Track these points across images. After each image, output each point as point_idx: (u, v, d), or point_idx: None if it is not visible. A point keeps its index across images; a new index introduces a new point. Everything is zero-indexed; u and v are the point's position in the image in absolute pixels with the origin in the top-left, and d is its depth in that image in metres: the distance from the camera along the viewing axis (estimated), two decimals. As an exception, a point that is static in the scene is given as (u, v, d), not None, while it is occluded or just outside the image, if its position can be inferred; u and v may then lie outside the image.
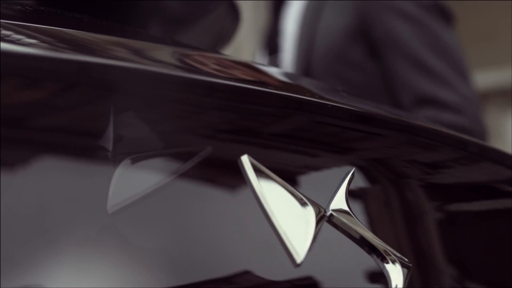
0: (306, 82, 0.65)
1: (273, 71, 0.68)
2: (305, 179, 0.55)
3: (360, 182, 0.61)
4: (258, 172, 0.45)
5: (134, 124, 0.46)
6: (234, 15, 0.76)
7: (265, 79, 0.59)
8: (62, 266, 0.40)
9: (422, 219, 0.68)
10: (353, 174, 0.54)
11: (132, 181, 0.43)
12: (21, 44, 0.46)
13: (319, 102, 0.53)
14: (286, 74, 0.71)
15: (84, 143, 0.43)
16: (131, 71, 0.45)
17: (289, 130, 0.55)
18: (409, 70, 1.52)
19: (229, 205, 0.48)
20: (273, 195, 0.45)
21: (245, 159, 0.44)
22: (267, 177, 0.45)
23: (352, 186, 0.57)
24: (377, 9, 1.55)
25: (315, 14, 1.61)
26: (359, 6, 1.57)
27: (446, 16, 1.58)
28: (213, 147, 0.49)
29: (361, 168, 0.60)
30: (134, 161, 0.44)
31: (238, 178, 0.48)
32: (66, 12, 0.69)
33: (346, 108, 0.56)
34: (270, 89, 0.53)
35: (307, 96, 0.53)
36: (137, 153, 0.45)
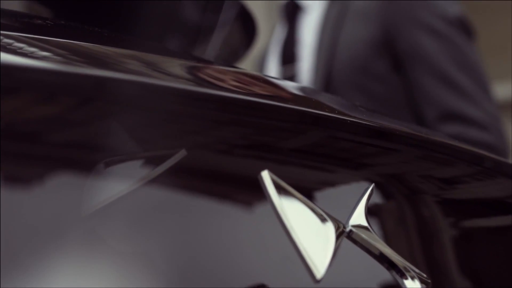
0: (322, 97, 0.65)
1: (288, 85, 0.67)
2: (320, 195, 0.55)
3: (376, 198, 0.60)
4: (278, 188, 0.44)
5: (150, 140, 0.45)
6: (251, 28, 0.76)
7: (280, 94, 0.59)
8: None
9: (438, 234, 0.68)
10: (372, 190, 0.54)
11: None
12: (35, 58, 0.45)
13: (336, 117, 0.53)
14: (301, 88, 0.71)
15: (99, 159, 0.43)
16: (146, 86, 0.45)
17: (305, 146, 0.54)
18: (436, 85, 1.51)
19: (248, 221, 0.47)
20: (293, 210, 0.45)
21: (265, 175, 0.44)
22: (287, 192, 0.45)
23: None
24: (403, 22, 1.55)
25: (336, 24, 1.60)
26: (384, 18, 1.56)
27: (468, 30, 1.58)
28: (229, 162, 0.49)
29: (377, 184, 0.60)
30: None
31: (256, 193, 0.48)
32: (84, 26, 0.69)
33: (362, 123, 0.56)
34: (286, 103, 0.53)
35: (324, 111, 0.53)
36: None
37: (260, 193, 0.47)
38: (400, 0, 1.56)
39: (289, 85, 0.66)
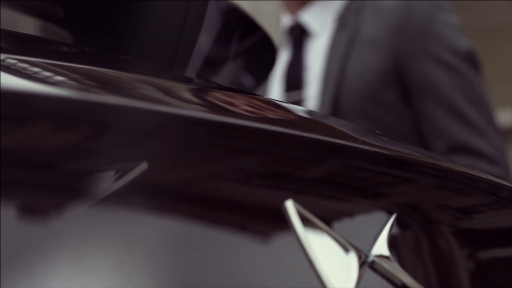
0: (339, 124, 0.64)
1: (303, 111, 0.67)
2: (338, 225, 0.54)
3: (393, 228, 0.59)
4: (302, 217, 0.44)
5: (165, 169, 0.45)
6: (271, 57, 0.75)
7: (298, 121, 0.59)
8: None
9: (455, 265, 0.67)
10: (394, 220, 0.53)
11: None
12: (50, 84, 0.45)
13: (355, 147, 0.52)
14: (317, 115, 0.70)
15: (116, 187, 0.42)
16: (163, 114, 0.44)
17: (323, 175, 0.54)
18: (445, 118, 1.51)
19: (267, 251, 0.47)
20: (317, 240, 0.44)
21: (289, 204, 0.43)
22: (311, 222, 0.44)
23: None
24: (414, 53, 1.55)
25: (344, 52, 1.60)
26: (395, 48, 1.56)
27: (476, 64, 1.58)
28: (246, 192, 0.48)
29: (392, 214, 0.59)
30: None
31: (275, 223, 0.47)
32: (94, 49, 0.69)
33: (381, 153, 0.55)
34: (306, 132, 0.52)
35: (343, 139, 0.52)
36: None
37: (278, 222, 0.46)
38: (412, 31, 1.56)
39: (304, 111, 0.66)
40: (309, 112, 0.66)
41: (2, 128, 0.39)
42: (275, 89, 1.69)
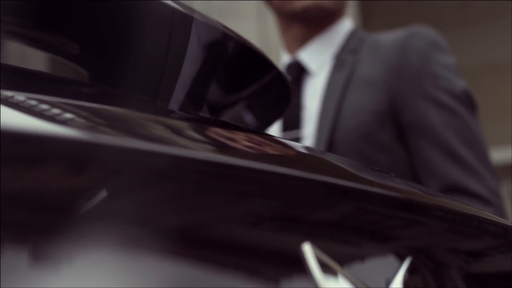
0: (348, 164, 0.63)
1: (311, 151, 0.66)
2: (350, 268, 0.53)
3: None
4: (319, 261, 0.43)
5: (176, 212, 0.44)
6: (284, 95, 0.75)
7: (307, 162, 0.58)
8: None
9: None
10: (409, 264, 0.52)
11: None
12: (60, 124, 0.44)
13: (367, 190, 0.52)
14: (325, 154, 0.69)
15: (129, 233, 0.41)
16: (175, 157, 0.43)
17: (334, 218, 0.53)
18: (440, 159, 1.51)
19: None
20: (335, 285, 0.43)
21: (307, 248, 0.42)
22: (328, 266, 0.43)
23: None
24: (410, 93, 1.55)
25: (341, 91, 1.60)
26: (391, 89, 1.56)
27: (472, 104, 1.58)
28: (257, 235, 0.47)
29: (403, 257, 0.58)
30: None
31: (286, 266, 0.46)
32: (101, 86, 0.69)
33: (393, 196, 0.54)
34: (315, 174, 0.51)
35: (355, 182, 0.51)
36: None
37: (292, 266, 0.45)
38: (408, 72, 1.56)
39: (311, 151, 0.65)
40: (317, 152, 0.65)
41: (9, 170, 0.38)
42: (273, 128, 1.69)
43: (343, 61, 1.65)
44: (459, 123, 1.54)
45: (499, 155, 6.43)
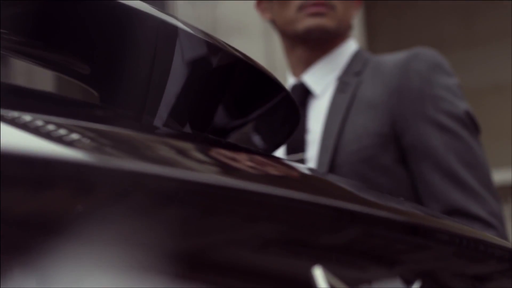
0: (355, 188, 0.63)
1: (317, 174, 0.66)
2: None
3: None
4: (330, 285, 0.42)
5: (182, 236, 0.44)
6: (292, 116, 0.75)
7: (315, 186, 0.58)
8: None
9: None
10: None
11: None
12: (67, 146, 0.44)
13: (375, 215, 0.51)
14: (331, 177, 0.69)
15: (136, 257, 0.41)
16: (183, 181, 0.43)
17: (342, 242, 0.53)
18: (441, 182, 1.51)
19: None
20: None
21: (318, 272, 0.42)
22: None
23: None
24: (412, 116, 1.55)
25: (343, 113, 1.59)
26: (393, 112, 1.56)
27: (474, 126, 1.58)
28: (265, 259, 0.47)
29: (410, 282, 0.58)
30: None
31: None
32: (103, 105, 0.69)
33: (400, 220, 0.54)
34: (323, 199, 0.51)
35: (363, 206, 0.51)
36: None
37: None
38: (409, 94, 1.56)
39: (317, 173, 0.65)
40: (323, 174, 0.65)
41: (15, 192, 0.38)
42: (278, 151, 1.68)
43: (346, 83, 1.65)
44: (461, 145, 1.54)
45: (501, 176, 6.41)
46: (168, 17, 0.67)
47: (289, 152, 1.66)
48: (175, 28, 0.67)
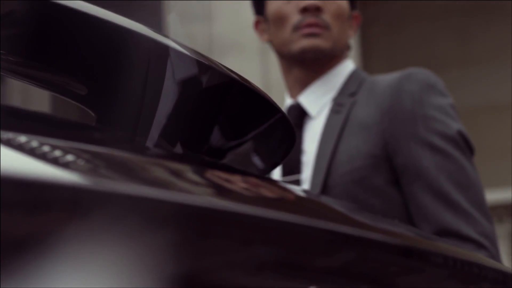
0: (349, 210, 0.63)
1: (310, 195, 0.66)
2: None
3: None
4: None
5: (178, 260, 0.44)
6: (289, 139, 0.75)
7: (309, 208, 0.58)
8: None
9: None
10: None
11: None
12: (61, 169, 0.44)
13: (370, 238, 0.52)
14: (326, 200, 0.69)
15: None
16: (178, 205, 0.44)
17: (336, 265, 0.53)
18: (433, 202, 1.51)
19: None
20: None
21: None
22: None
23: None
24: (403, 137, 1.55)
25: (337, 135, 1.60)
26: (385, 133, 1.56)
27: (467, 146, 1.58)
28: (260, 282, 0.47)
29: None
30: None
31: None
32: (94, 126, 0.69)
33: (394, 243, 0.55)
34: (317, 222, 0.51)
35: (358, 229, 0.51)
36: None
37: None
38: (401, 115, 1.56)
39: (310, 195, 0.65)
40: (316, 196, 0.65)
41: (11, 216, 0.38)
42: (275, 172, 1.68)
43: (341, 104, 1.65)
44: (453, 166, 1.54)
45: (496, 195, 6.42)
46: (162, 38, 0.67)
47: (285, 173, 1.66)
48: (169, 49, 0.68)
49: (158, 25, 7.23)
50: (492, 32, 8.56)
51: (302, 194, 0.59)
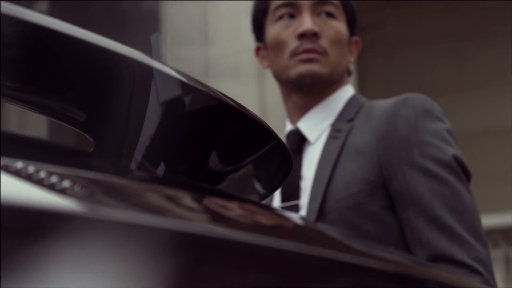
0: (344, 237, 0.64)
1: (307, 222, 0.66)
2: None
3: None
4: None
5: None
6: (286, 165, 0.75)
7: (305, 235, 0.58)
8: None
9: None
10: None
11: None
12: (57, 196, 0.44)
13: (365, 266, 0.52)
14: (321, 227, 0.69)
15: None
16: (175, 233, 0.44)
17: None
18: (427, 228, 1.51)
19: None
20: None
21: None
22: None
23: None
24: (399, 163, 1.55)
25: (333, 161, 1.60)
26: (380, 159, 1.56)
27: (462, 171, 1.58)
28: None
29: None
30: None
31: None
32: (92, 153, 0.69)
33: (389, 270, 0.55)
34: (312, 249, 0.52)
35: (352, 256, 0.52)
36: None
37: None
38: (396, 141, 1.56)
39: (310, 224, 0.65)
40: (312, 223, 0.65)
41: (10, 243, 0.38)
42: (276, 199, 1.68)
43: (339, 130, 1.66)
44: (447, 191, 1.53)
45: (491, 220, 6.42)
46: (158, 65, 0.68)
47: (284, 199, 1.65)
48: (165, 76, 0.68)
49: (155, 49, 7.24)
50: (487, 57, 8.60)
51: (297, 220, 0.60)
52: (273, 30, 1.73)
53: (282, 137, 1.75)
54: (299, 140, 1.70)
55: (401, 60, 8.91)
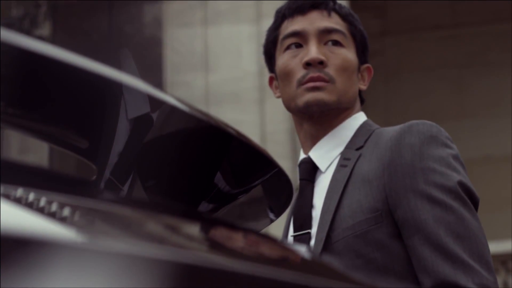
0: (340, 267, 0.64)
1: (311, 256, 0.66)
2: None
3: None
4: None
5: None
6: (287, 191, 0.75)
7: (305, 266, 0.58)
8: None
9: None
10: None
11: None
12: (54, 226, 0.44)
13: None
14: (316, 257, 0.69)
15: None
16: (175, 264, 0.44)
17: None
18: (432, 255, 1.50)
19: None
20: None
21: None
22: None
23: None
24: (404, 190, 1.55)
25: (341, 189, 1.60)
26: (386, 187, 1.56)
27: (468, 197, 1.57)
28: None
29: None
30: None
31: None
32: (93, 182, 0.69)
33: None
34: (312, 280, 0.52)
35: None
36: None
37: None
38: (401, 169, 1.56)
39: (311, 255, 0.65)
40: (313, 254, 0.65)
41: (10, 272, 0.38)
42: (291, 228, 1.68)
43: (348, 158, 1.65)
44: (452, 217, 1.53)
45: (494, 247, 6.40)
46: (159, 93, 0.68)
47: (296, 228, 1.65)
48: (166, 104, 0.69)
49: (156, 75, 7.27)
50: (486, 84, 8.62)
51: (296, 251, 0.60)
52: (281, 60, 1.74)
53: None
54: (310, 169, 1.69)
55: (401, 87, 8.94)
